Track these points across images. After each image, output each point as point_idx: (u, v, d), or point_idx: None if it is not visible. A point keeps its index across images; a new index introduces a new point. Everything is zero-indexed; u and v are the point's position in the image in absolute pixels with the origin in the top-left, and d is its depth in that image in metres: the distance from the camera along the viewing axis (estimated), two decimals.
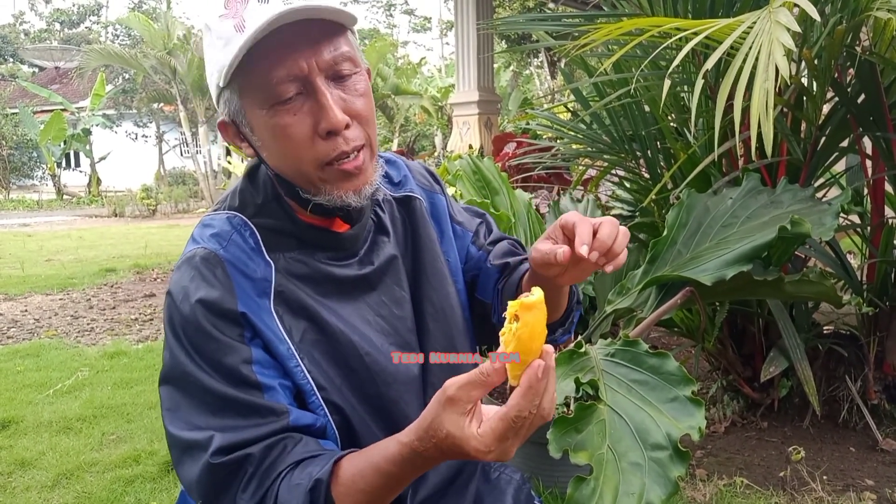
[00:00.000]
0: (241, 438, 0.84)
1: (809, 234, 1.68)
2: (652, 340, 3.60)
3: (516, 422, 0.70)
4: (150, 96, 17.82)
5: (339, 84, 0.87)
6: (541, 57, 17.81)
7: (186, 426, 0.86)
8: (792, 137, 2.36)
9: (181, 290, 0.89)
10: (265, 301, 0.90)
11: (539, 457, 2.23)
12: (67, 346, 4.48)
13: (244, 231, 0.94)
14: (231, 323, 0.88)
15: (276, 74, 0.84)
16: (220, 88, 0.88)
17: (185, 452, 0.86)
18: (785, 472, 2.28)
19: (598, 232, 0.87)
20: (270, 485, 0.83)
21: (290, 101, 0.85)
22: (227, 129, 0.93)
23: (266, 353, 0.89)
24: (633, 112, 2.74)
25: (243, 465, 0.84)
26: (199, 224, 0.97)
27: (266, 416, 0.86)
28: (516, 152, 3.79)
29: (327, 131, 0.86)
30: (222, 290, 0.88)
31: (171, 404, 0.88)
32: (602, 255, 0.87)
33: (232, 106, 0.89)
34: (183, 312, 0.88)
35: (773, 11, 1.54)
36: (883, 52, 2.08)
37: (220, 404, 0.86)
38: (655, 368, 1.35)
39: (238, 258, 0.91)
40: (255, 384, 0.87)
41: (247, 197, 0.97)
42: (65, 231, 12.07)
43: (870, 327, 2.48)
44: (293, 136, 0.86)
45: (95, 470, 2.64)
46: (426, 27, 40.61)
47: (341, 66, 0.87)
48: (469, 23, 7.29)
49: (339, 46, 0.86)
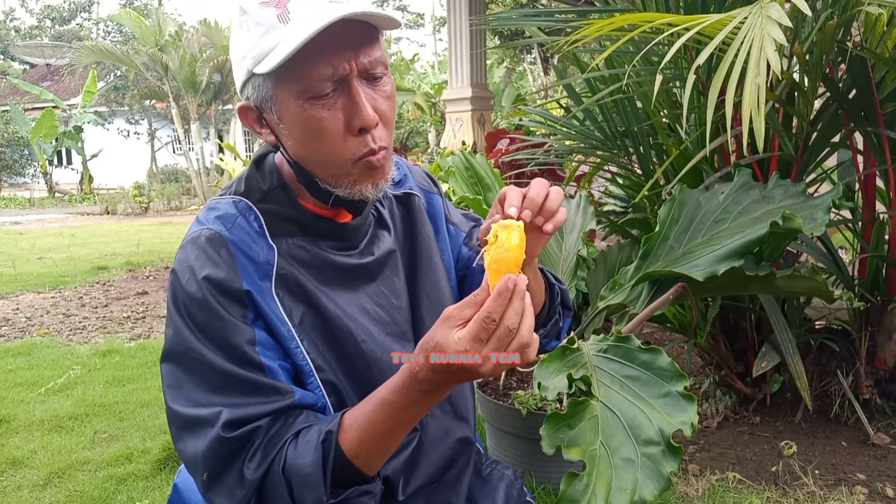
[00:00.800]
0: (249, 413, 0.86)
1: (801, 229, 1.69)
2: (645, 336, 3.60)
3: (486, 322, 0.74)
4: (142, 93, 17.77)
5: (371, 84, 0.90)
6: (534, 53, 17.79)
7: (190, 403, 0.87)
8: (783, 133, 2.36)
9: (187, 268, 0.91)
10: (267, 283, 0.93)
11: (532, 453, 2.24)
12: (59, 345, 4.46)
13: (248, 215, 0.96)
14: (236, 302, 0.90)
15: (320, 71, 0.86)
16: (252, 74, 0.89)
17: (187, 428, 0.87)
18: (777, 467, 2.29)
19: (528, 193, 0.91)
20: (277, 452, 0.85)
21: (326, 97, 0.87)
22: (248, 113, 0.95)
23: (268, 334, 0.92)
24: (626, 108, 2.74)
25: (251, 437, 0.86)
26: (205, 207, 1.00)
27: (270, 395, 0.88)
28: (509, 148, 3.79)
29: (360, 128, 0.89)
30: (227, 269, 0.90)
31: (173, 381, 0.90)
32: (536, 213, 0.91)
33: (262, 92, 0.90)
34: (188, 290, 0.89)
35: (764, 6, 1.54)
36: (874, 48, 2.08)
37: (225, 381, 0.87)
38: (648, 364, 1.35)
39: (242, 240, 0.93)
40: (259, 365, 0.89)
41: (253, 183, 1.00)
42: (57, 229, 12.01)
43: (861, 322, 2.49)
44: (327, 129, 0.89)
45: (87, 468, 2.63)
46: (419, 23, 40.52)
47: (376, 69, 0.90)
48: (462, 18, 7.28)
49: (376, 50, 0.90)
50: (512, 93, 18.71)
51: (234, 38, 0.91)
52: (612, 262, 2.37)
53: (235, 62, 0.92)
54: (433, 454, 1.07)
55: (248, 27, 0.88)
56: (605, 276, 2.32)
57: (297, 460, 0.84)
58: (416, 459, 1.05)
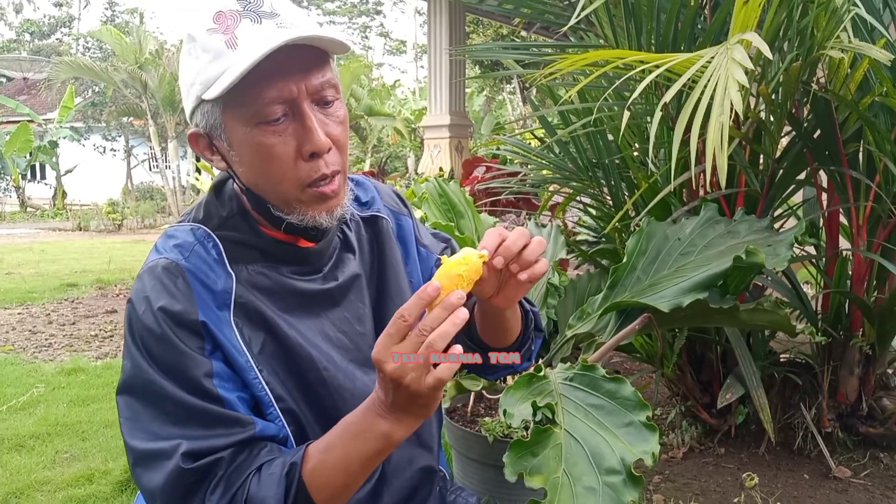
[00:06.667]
0: (210, 445, 0.85)
1: (763, 263, 1.72)
2: (614, 365, 3.63)
3: (397, 318, 0.77)
4: (120, 110, 17.64)
5: (322, 109, 0.90)
6: (513, 83, 18.01)
7: (148, 436, 0.86)
8: (750, 169, 2.42)
9: (143, 299, 0.89)
10: (225, 313, 0.91)
11: (498, 480, 2.23)
12: (24, 362, 4.38)
13: (207, 243, 0.95)
14: (192, 334, 0.88)
15: (268, 95, 0.85)
16: (200, 100, 0.89)
17: (146, 462, 0.86)
18: (739, 498, 2.31)
19: (506, 240, 0.89)
20: (240, 485, 0.84)
21: (276, 122, 0.87)
22: (198, 140, 0.94)
23: (225, 365, 0.90)
24: (597, 141, 2.79)
25: (213, 469, 0.85)
26: (163, 235, 0.98)
27: (231, 427, 0.87)
28: (485, 176, 3.83)
29: (311, 153, 0.88)
30: (184, 300, 0.89)
31: (130, 413, 0.88)
32: (511, 261, 0.89)
33: (211, 119, 0.90)
34: (145, 321, 0.88)
35: (729, 48, 1.60)
36: (837, 90, 2.15)
37: (184, 414, 0.86)
38: (612, 393, 1.36)
39: (199, 269, 0.92)
40: (217, 397, 0.87)
41: (212, 210, 0.98)
42: (27, 244, 11.82)
43: (824, 356, 2.53)
44: (277, 155, 0.88)
45: (47, 489, 2.58)
46: (401, 50, 40.90)
47: (326, 93, 0.89)
48: (442, 47, 7.37)
49: (325, 73, 0.89)
50: (491, 121, 18.90)
51: (183, 65, 0.91)
52: (582, 291, 2.40)
53: (184, 89, 0.91)
54: (396, 483, 1.06)
55: (196, 54, 0.88)
56: (574, 305, 2.34)
57: (260, 493, 0.83)
58: (380, 490, 1.04)
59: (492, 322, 1.07)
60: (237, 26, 0.85)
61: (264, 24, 0.86)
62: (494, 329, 1.09)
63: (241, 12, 0.86)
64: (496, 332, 1.10)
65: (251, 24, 0.86)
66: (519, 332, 1.14)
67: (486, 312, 1.04)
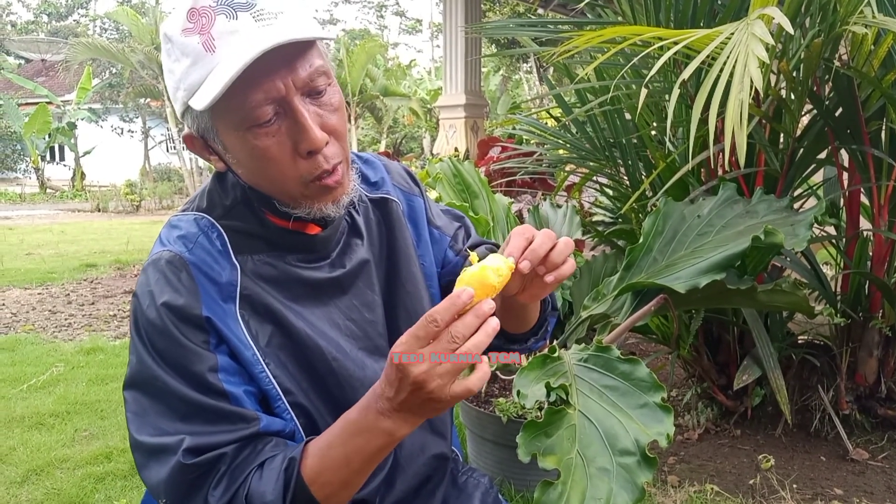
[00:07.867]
0: (213, 441, 0.84)
1: (782, 244, 1.70)
2: (630, 346, 3.62)
3: (428, 320, 0.74)
4: (137, 91, 17.71)
5: (314, 100, 0.86)
6: (530, 62, 17.86)
7: (154, 431, 0.86)
8: (769, 148, 2.38)
9: (147, 293, 0.88)
10: (231, 306, 0.90)
11: (511, 460, 2.24)
12: (44, 342, 4.43)
13: (211, 233, 0.92)
14: (196, 329, 0.87)
15: (255, 98, 0.82)
16: (188, 106, 0.85)
17: (152, 456, 0.85)
18: (755, 480, 2.30)
19: (533, 242, 0.88)
20: (243, 480, 0.83)
21: (268, 124, 0.84)
22: (193, 141, 0.92)
23: (231, 359, 0.89)
24: (615, 120, 2.76)
25: (216, 464, 0.84)
26: (167, 224, 0.96)
27: (236, 423, 0.86)
28: (500, 157, 3.80)
29: (308, 151, 0.85)
30: (187, 294, 0.87)
31: (137, 408, 0.88)
32: (539, 264, 0.88)
33: (202, 123, 0.87)
34: (148, 316, 0.87)
35: (750, 24, 1.56)
36: (860, 67, 2.10)
37: (189, 410, 0.85)
38: (626, 374, 1.35)
39: (204, 261, 0.90)
40: (222, 392, 0.86)
41: (215, 198, 0.96)
42: (47, 225, 11.96)
43: (843, 338, 2.50)
44: (274, 157, 0.85)
45: (66, 466, 2.62)
46: (417, 29, 40.61)
47: (317, 82, 0.86)
48: (457, 26, 7.31)
49: (313, 61, 0.85)
50: (507, 101, 18.78)
51: (165, 67, 0.88)
52: (597, 272, 2.38)
53: (171, 91, 0.88)
54: (409, 471, 1.05)
55: (176, 56, 0.84)
56: (589, 286, 2.33)
57: (259, 488, 0.82)
58: (393, 478, 1.03)
59: (511, 312, 1.06)
60: (212, 25, 0.81)
61: (241, 19, 0.81)
62: (514, 318, 1.08)
63: (214, 7, 0.82)
64: (515, 321, 1.09)
65: (227, 21, 0.81)
66: (536, 319, 1.12)
67: (507, 303, 1.02)
